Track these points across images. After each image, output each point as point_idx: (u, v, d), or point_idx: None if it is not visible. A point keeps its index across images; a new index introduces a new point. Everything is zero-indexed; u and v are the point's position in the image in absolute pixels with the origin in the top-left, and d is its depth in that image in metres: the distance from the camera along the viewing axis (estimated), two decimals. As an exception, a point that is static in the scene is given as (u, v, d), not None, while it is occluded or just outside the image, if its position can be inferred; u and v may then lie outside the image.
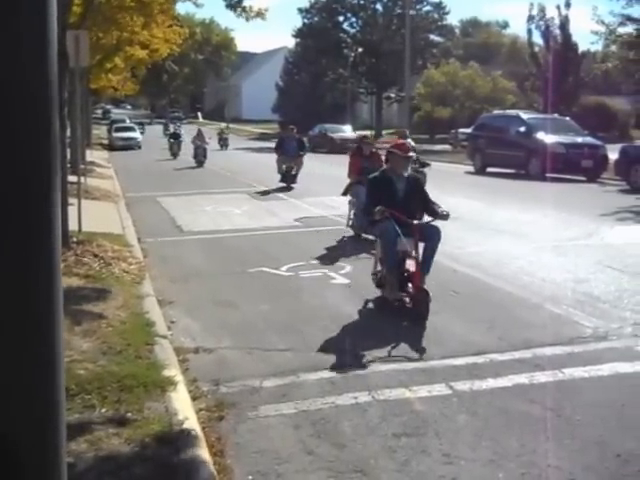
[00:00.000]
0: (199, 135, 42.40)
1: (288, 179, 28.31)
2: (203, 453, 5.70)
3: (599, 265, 12.97)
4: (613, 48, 39.39)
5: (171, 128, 56.74)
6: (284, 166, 28.46)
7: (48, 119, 2.22)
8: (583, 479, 5.54)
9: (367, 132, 67.07)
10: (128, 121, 73.39)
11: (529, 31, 55.13)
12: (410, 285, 10.57)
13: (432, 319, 9.84)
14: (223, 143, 59.17)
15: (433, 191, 12.26)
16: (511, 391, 7.30)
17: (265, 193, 26.53)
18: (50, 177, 2.24)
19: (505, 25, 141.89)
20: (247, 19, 18.18)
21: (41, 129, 2.21)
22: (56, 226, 2.29)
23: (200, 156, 40.89)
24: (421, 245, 10.39)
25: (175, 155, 46.73)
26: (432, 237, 10.38)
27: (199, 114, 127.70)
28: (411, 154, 11.45)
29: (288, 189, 27.66)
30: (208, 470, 5.45)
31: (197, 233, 17.79)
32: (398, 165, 11.05)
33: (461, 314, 10.20)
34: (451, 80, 64.33)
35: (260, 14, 18.30)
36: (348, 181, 17.75)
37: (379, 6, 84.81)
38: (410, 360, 8.23)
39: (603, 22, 35.06)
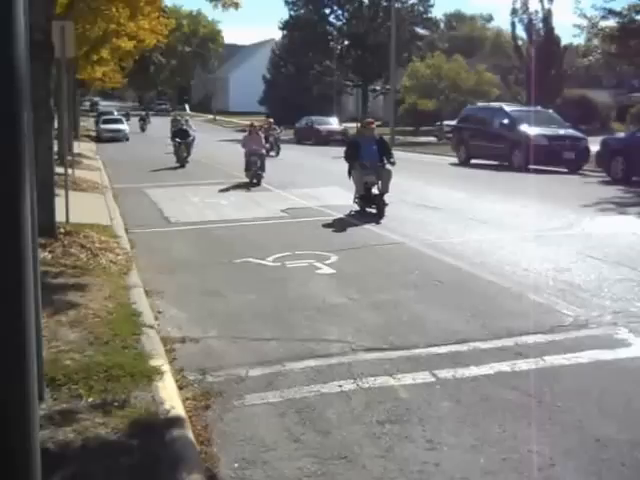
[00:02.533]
0: (253, 134, 28.65)
1: (372, 202, 18.88)
2: (189, 442, 5.76)
3: (580, 255, 13.08)
4: (595, 42, 39.44)
5: (182, 122, 41.11)
6: (365, 181, 18.86)
7: (15, 113, 2.28)
8: (563, 464, 5.61)
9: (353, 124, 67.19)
10: (116, 113, 73.10)
11: (512, 24, 55.40)
12: None
13: (416, 308, 9.96)
14: (273, 146, 39.86)
15: (417, 182, 12.40)
16: (493, 378, 7.39)
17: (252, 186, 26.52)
18: (19, 171, 2.29)
19: (489, 18, 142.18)
20: (223, 6, 18.45)
21: (8, 123, 2.26)
22: (26, 219, 2.33)
23: (256, 168, 26.94)
24: None
25: (183, 162, 34.91)
26: None
27: (186, 106, 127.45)
28: None
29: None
30: (194, 458, 5.52)
31: (184, 224, 17.82)
32: None
33: (444, 303, 10.29)
34: (436, 73, 64.28)
35: (234, 4, 18.55)
36: None
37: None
38: (394, 349, 8.31)
39: (585, 15, 35.19)
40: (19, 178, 2.31)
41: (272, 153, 37.72)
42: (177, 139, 35.82)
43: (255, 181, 26.84)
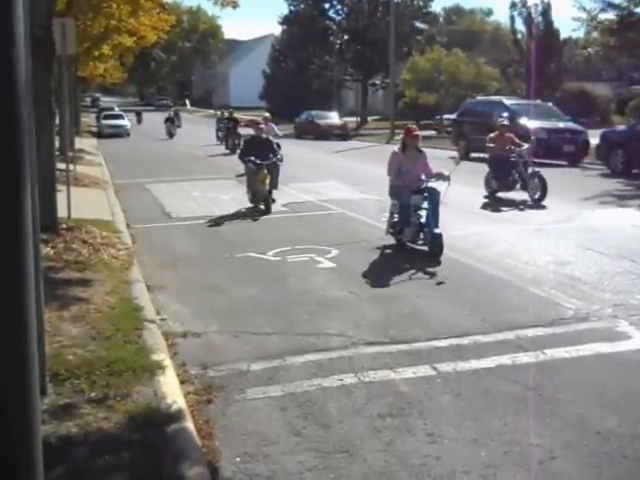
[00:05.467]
0: (411, 148, 14.15)
1: None
2: (191, 436, 5.80)
3: (580, 248, 13.10)
4: (594, 35, 39.35)
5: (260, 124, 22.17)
6: None
7: (15, 110, 2.30)
8: (564, 456, 5.64)
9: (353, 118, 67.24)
10: (117, 109, 73.10)
11: (512, 18, 55.38)
12: None
13: (416, 301, 9.99)
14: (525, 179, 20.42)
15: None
16: (494, 372, 7.42)
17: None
18: (19, 167, 2.31)
19: (488, 12, 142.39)
20: (221, 5, 18.56)
21: (8, 120, 2.28)
22: (26, 215, 2.35)
23: (420, 222, 13.59)
24: None
25: (266, 201, 18.70)
26: None
27: (187, 102, 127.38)
28: None
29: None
30: (196, 452, 5.55)
31: (186, 219, 17.82)
32: None
33: (445, 296, 10.31)
34: (436, 67, 64.26)
35: (233, 2, 18.67)
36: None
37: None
38: (395, 342, 8.33)
39: (584, 8, 35.03)
40: (20, 175, 2.32)
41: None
42: (252, 158, 18.88)
43: (428, 246, 13.15)
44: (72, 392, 6.53)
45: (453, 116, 43.83)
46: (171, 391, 6.64)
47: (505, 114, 23.61)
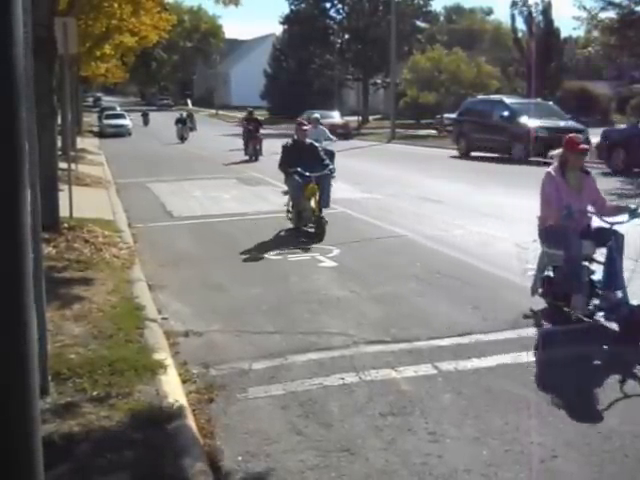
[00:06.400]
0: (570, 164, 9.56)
1: None
2: (193, 435, 5.80)
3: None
4: (595, 33, 39.37)
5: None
6: None
7: (15, 113, 2.30)
8: (565, 455, 5.63)
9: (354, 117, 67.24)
10: (119, 108, 73.23)
11: (512, 17, 55.63)
12: None
13: (417, 300, 9.99)
14: None
15: (418, 174, 12.43)
16: (495, 371, 7.41)
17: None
18: (17, 166, 2.31)
19: (489, 12, 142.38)
20: (224, 3, 18.65)
21: (6, 119, 2.29)
22: (24, 214, 2.35)
23: (586, 285, 8.97)
24: None
25: (319, 227, 14.72)
26: None
27: (189, 101, 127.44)
28: None
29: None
30: (198, 451, 5.55)
31: (187, 218, 17.83)
32: None
33: (446, 295, 10.31)
34: (436, 66, 64.33)
35: (235, 0, 18.78)
36: None
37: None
38: (396, 341, 8.33)
39: (585, 7, 35.03)
40: (19, 174, 2.32)
41: None
42: (299, 169, 15.23)
43: (620, 325, 8.50)
44: (74, 391, 6.54)
45: (454, 115, 43.87)
46: (173, 390, 6.64)
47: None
